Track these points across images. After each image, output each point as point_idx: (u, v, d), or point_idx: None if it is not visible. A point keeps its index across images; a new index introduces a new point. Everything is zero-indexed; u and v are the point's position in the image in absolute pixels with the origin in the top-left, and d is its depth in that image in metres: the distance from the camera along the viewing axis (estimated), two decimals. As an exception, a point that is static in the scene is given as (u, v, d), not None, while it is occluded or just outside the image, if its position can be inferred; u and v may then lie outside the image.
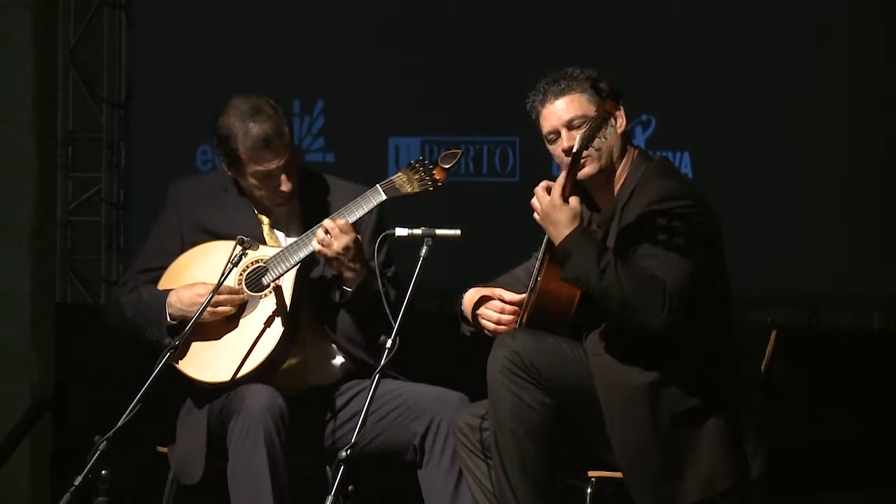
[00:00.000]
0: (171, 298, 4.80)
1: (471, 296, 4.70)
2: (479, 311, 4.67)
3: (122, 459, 4.53)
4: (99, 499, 4.52)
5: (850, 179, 7.38)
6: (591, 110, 4.47)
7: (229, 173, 4.90)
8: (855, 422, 6.72)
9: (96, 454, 4.43)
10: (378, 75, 7.95)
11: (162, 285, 4.88)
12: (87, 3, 8.27)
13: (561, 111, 4.54)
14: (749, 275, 6.79)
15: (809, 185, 7.41)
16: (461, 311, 4.72)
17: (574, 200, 4.38)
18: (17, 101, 7.80)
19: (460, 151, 4.76)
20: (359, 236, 4.76)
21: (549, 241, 4.52)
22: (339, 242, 4.72)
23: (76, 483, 4.42)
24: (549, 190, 4.41)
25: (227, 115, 4.85)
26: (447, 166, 4.75)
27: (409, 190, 4.76)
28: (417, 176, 4.76)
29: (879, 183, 7.34)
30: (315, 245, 4.74)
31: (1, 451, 7.48)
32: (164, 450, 4.90)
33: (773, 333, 4.68)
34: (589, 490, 4.53)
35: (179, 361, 4.74)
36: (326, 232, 4.73)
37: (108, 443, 4.43)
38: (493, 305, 4.65)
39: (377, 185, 4.78)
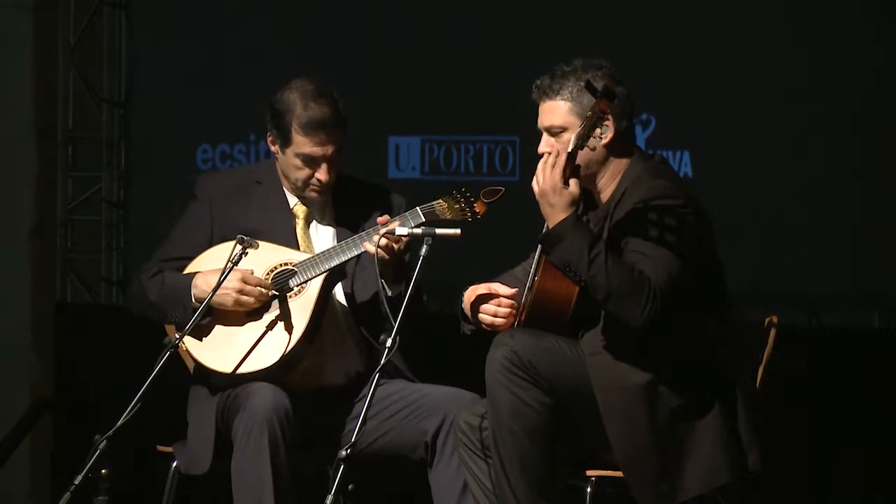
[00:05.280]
0: (197, 280, 4.78)
1: (469, 294, 4.70)
2: (476, 308, 4.68)
3: (122, 459, 4.54)
4: (99, 498, 4.52)
5: (850, 179, 7.37)
6: (569, 120, 4.47)
7: (272, 148, 4.89)
8: (855, 421, 6.72)
9: (96, 454, 4.44)
10: (378, 75, 7.95)
11: None
12: (87, 3, 8.28)
13: (544, 114, 4.55)
14: (749, 275, 6.79)
15: (809, 184, 7.41)
16: (461, 309, 4.73)
17: (574, 184, 4.37)
18: (17, 101, 7.79)
19: (503, 189, 4.77)
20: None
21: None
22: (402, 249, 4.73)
23: (76, 483, 4.42)
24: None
25: (288, 91, 4.85)
26: (489, 201, 4.77)
27: (449, 217, 4.79)
28: (458, 206, 4.78)
29: (879, 182, 7.33)
30: (380, 251, 4.69)
31: (1, 451, 7.48)
32: (164, 449, 4.90)
33: (773, 333, 4.68)
34: (589, 490, 4.53)
35: (195, 349, 4.75)
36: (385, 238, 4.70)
37: (108, 442, 4.43)
38: (491, 301, 4.66)
39: (417, 208, 4.79)
